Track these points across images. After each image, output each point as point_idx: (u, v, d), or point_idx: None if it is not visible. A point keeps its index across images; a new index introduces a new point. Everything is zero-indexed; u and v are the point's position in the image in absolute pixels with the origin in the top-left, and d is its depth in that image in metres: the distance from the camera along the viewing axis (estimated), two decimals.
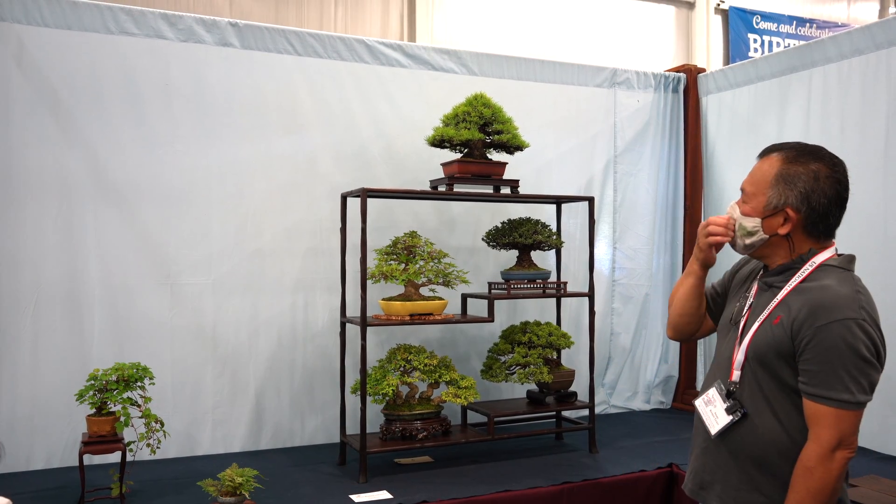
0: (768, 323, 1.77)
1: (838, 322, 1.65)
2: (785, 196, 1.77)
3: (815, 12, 11.19)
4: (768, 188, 1.79)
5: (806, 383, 1.69)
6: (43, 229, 3.66)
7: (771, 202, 1.78)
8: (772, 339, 1.75)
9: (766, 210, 1.79)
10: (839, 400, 1.65)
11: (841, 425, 1.66)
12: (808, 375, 1.68)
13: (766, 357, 1.76)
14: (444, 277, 3.76)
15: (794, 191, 1.77)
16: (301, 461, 3.84)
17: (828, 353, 1.65)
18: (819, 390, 1.67)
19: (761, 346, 1.77)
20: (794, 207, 1.77)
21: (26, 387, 3.63)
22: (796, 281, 1.77)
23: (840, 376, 1.65)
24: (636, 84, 5.07)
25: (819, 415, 1.67)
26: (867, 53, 3.97)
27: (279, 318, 4.12)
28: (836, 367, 1.65)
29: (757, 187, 1.81)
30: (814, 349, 1.67)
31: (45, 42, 3.65)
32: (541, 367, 3.94)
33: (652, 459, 3.76)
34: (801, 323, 1.69)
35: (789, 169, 1.78)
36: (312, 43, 4.18)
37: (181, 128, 3.90)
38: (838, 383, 1.65)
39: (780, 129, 4.44)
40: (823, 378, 1.66)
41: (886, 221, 3.83)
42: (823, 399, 1.66)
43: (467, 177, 3.76)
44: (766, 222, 1.80)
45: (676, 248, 5.18)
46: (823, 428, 1.66)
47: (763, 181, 1.80)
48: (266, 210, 4.09)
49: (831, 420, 1.66)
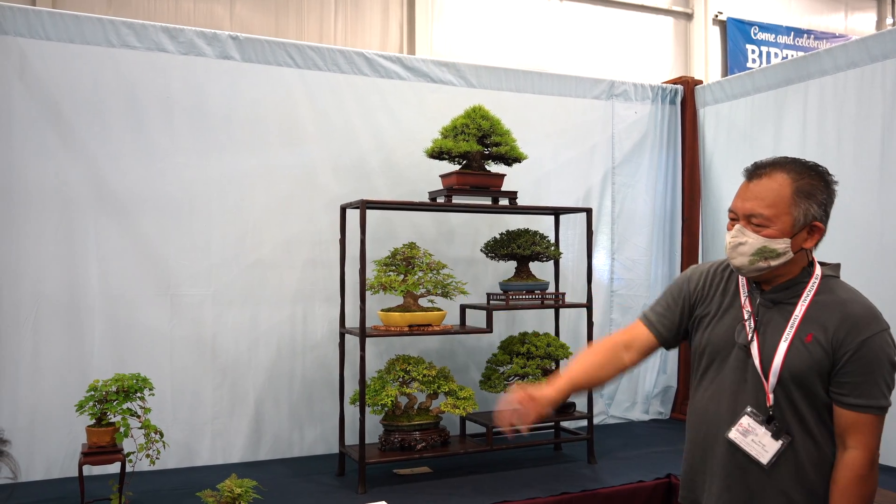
0: (798, 342, 1.76)
1: (878, 334, 1.73)
2: (812, 210, 1.77)
3: (813, 23, 11.25)
4: (790, 207, 1.76)
5: (846, 394, 1.73)
6: (44, 240, 3.68)
7: (798, 220, 1.76)
8: (809, 359, 1.74)
9: (794, 229, 1.77)
10: (880, 407, 1.73)
11: (880, 430, 1.74)
12: (849, 387, 1.72)
13: (804, 376, 1.76)
14: (443, 288, 3.77)
15: (816, 203, 1.77)
16: (300, 472, 3.84)
17: (872, 364, 1.72)
18: (862, 400, 1.72)
19: (798, 366, 1.75)
20: (819, 219, 1.79)
21: (26, 397, 3.64)
22: (810, 295, 1.79)
23: (879, 385, 1.73)
24: (634, 96, 5.11)
25: (861, 423, 1.72)
26: (863, 66, 4.00)
27: (278, 328, 4.13)
28: (877, 376, 1.72)
29: (777, 209, 1.76)
30: (858, 361, 1.72)
31: (48, 55, 3.68)
32: (539, 378, 3.95)
33: (650, 470, 3.77)
34: (842, 339, 1.72)
35: (805, 184, 1.77)
36: (312, 56, 4.22)
37: (182, 140, 3.93)
38: (878, 391, 1.72)
39: (776, 140, 4.47)
40: (867, 388, 1.72)
41: (882, 232, 3.85)
42: (867, 408, 1.72)
43: (466, 188, 3.78)
44: (794, 241, 1.78)
45: (674, 258, 5.20)
46: (868, 436, 1.73)
47: (781, 202, 1.76)
48: (266, 221, 4.11)
49: (874, 427, 1.73)
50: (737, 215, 1.83)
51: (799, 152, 4.36)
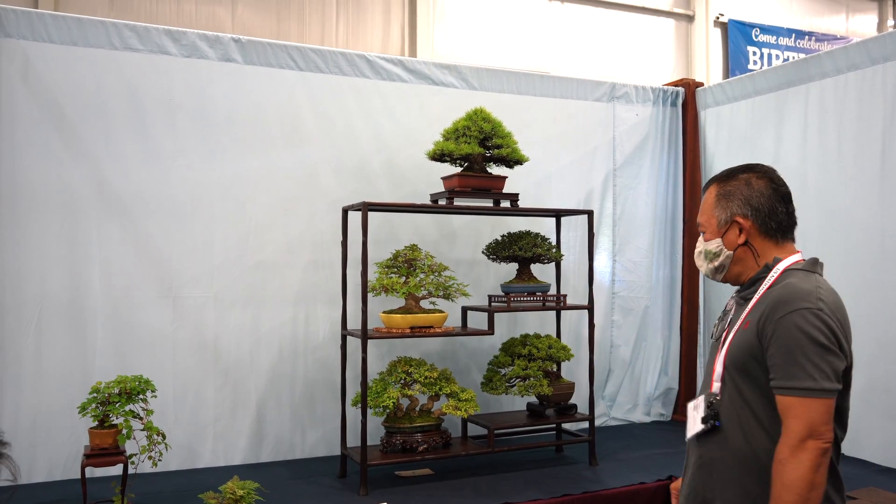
0: (741, 330, 1.83)
1: (794, 312, 1.71)
2: (729, 208, 1.91)
3: (814, 25, 11.25)
4: (714, 210, 1.94)
5: (773, 377, 1.73)
6: (47, 243, 3.69)
7: (721, 219, 1.92)
8: (743, 344, 1.80)
9: (720, 228, 1.92)
10: (803, 388, 1.68)
11: (809, 414, 1.67)
12: (774, 370, 1.73)
13: (742, 362, 1.81)
14: (445, 290, 3.78)
15: (735, 201, 1.91)
16: (302, 474, 3.85)
17: (787, 343, 1.70)
18: (784, 382, 1.70)
19: (735, 353, 1.82)
20: (741, 215, 1.90)
21: (29, 399, 3.65)
22: (764, 287, 1.84)
23: (802, 364, 1.69)
24: (635, 98, 5.11)
25: (787, 406, 1.70)
26: (863, 68, 4.01)
27: (280, 330, 4.14)
28: (797, 355, 1.69)
29: (706, 215, 1.96)
30: (775, 342, 1.72)
31: (51, 58, 3.70)
32: (541, 380, 3.95)
33: (652, 472, 3.77)
34: (764, 320, 1.76)
35: (724, 188, 1.94)
36: (314, 58, 4.23)
37: (184, 142, 3.94)
38: (800, 372, 1.69)
39: (777, 142, 4.48)
40: (787, 369, 1.70)
41: (883, 233, 3.85)
42: (789, 390, 1.70)
43: (467, 190, 3.79)
44: (725, 239, 1.93)
45: (676, 260, 5.20)
46: (792, 419, 1.69)
47: (708, 208, 1.95)
48: (268, 223, 4.12)
49: (799, 410, 1.68)
50: None
51: (799, 154, 4.41)
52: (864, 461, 3.83)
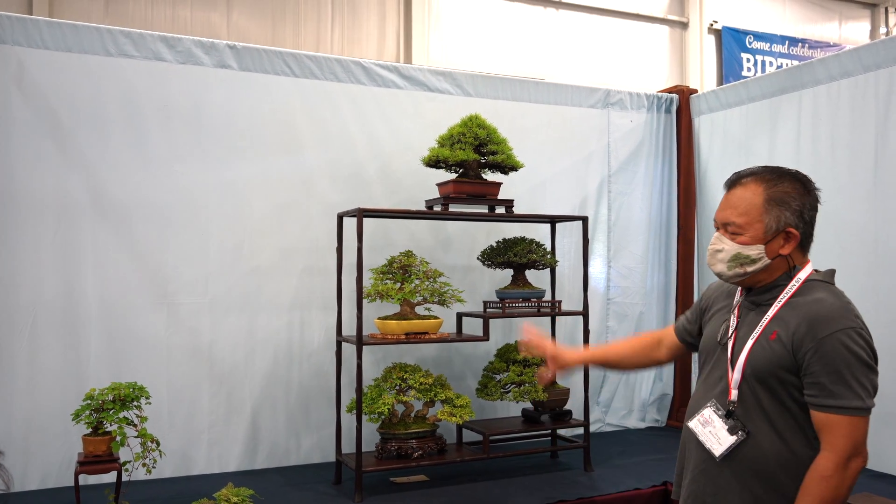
0: (764, 339, 1.80)
1: (840, 331, 1.70)
2: (784, 217, 1.82)
3: (808, 32, 11.32)
4: (762, 214, 1.82)
5: (816, 395, 1.72)
6: (40, 249, 3.68)
7: (771, 227, 1.82)
8: (772, 356, 1.77)
9: (767, 235, 1.82)
10: (851, 408, 1.69)
11: (855, 433, 1.69)
12: (818, 388, 1.71)
13: (767, 374, 1.78)
14: (440, 296, 3.78)
15: (790, 210, 1.82)
16: (296, 480, 3.84)
17: (835, 362, 1.69)
18: (831, 401, 1.70)
19: (760, 363, 1.79)
20: (793, 226, 1.82)
21: (22, 406, 3.63)
22: (786, 296, 1.81)
23: (849, 384, 1.69)
24: (629, 105, 5.13)
25: (832, 424, 1.70)
26: (856, 75, 4.03)
27: (275, 337, 4.13)
28: (845, 375, 1.69)
29: (749, 216, 1.83)
30: (820, 361, 1.70)
31: (46, 64, 3.70)
32: (536, 386, 3.95)
33: (647, 478, 3.78)
34: (801, 337, 1.73)
35: (777, 191, 1.83)
36: (309, 65, 4.23)
37: (179, 148, 3.94)
38: (849, 391, 1.69)
39: (771, 149, 4.50)
40: (834, 388, 1.69)
41: (877, 240, 3.87)
42: (837, 409, 1.69)
43: (462, 197, 3.80)
44: (769, 247, 1.83)
45: (670, 266, 5.21)
46: (838, 437, 1.69)
47: (754, 209, 1.83)
48: (263, 229, 4.12)
49: (846, 429, 1.69)
50: (717, 224, 1.93)
51: (793, 161, 4.43)
52: None
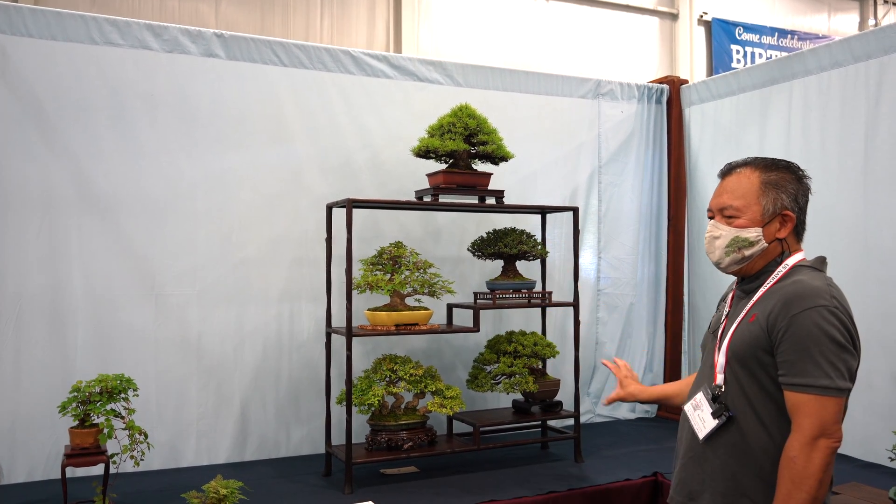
0: (745, 322, 1.82)
1: (811, 309, 1.69)
2: (781, 199, 1.85)
3: (797, 24, 11.34)
4: (759, 196, 1.85)
5: (785, 374, 1.71)
6: (25, 240, 3.64)
7: (768, 209, 1.85)
8: (748, 336, 1.78)
9: (764, 217, 1.85)
10: (818, 386, 1.67)
11: (822, 413, 1.67)
12: (787, 366, 1.71)
13: (745, 355, 1.79)
14: (430, 287, 3.77)
15: (786, 193, 1.85)
16: (286, 472, 3.82)
17: (804, 340, 1.68)
18: (798, 378, 1.69)
19: (739, 345, 1.81)
20: (790, 208, 1.85)
21: (8, 399, 3.60)
22: (771, 282, 1.83)
23: (818, 362, 1.67)
24: (620, 95, 5.12)
25: (799, 403, 1.69)
26: (846, 66, 4.03)
27: (264, 328, 4.11)
28: (813, 353, 1.68)
29: (746, 199, 1.86)
30: (790, 338, 1.70)
31: (30, 52, 3.64)
32: (526, 377, 3.95)
33: (637, 468, 3.78)
34: (776, 315, 1.73)
35: (772, 176, 1.86)
36: (298, 54, 4.19)
37: (166, 138, 3.90)
38: (816, 369, 1.67)
39: (761, 139, 4.50)
40: (802, 366, 1.68)
41: (867, 231, 3.88)
42: (803, 387, 1.68)
43: (452, 187, 3.78)
44: (766, 229, 1.85)
45: (660, 257, 5.21)
46: (804, 416, 1.68)
47: (751, 192, 1.86)
48: (251, 220, 4.09)
49: (812, 408, 1.67)
50: (713, 212, 1.94)
51: (783, 151, 4.44)
52: (847, 456, 3.85)
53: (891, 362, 3.75)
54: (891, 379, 3.75)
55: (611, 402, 2.31)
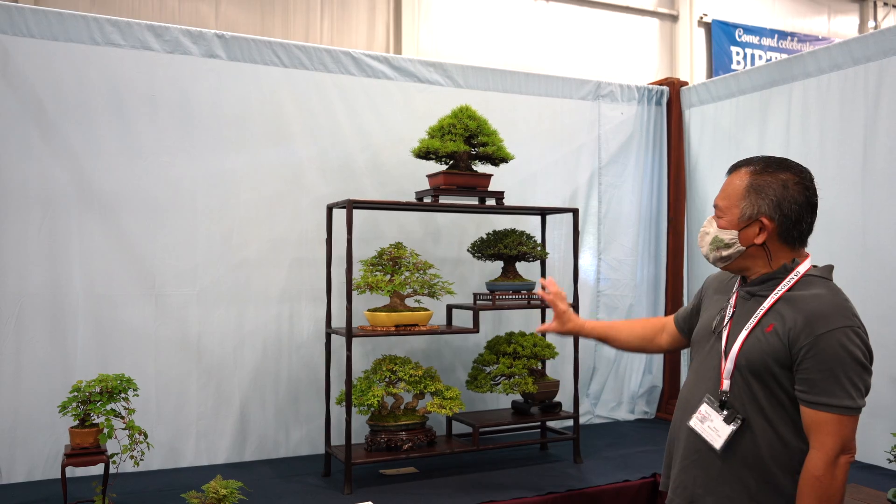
0: (759, 331, 1.79)
1: (837, 330, 1.69)
2: (757, 206, 1.82)
3: (797, 26, 11.35)
4: (740, 200, 1.83)
5: (807, 391, 1.71)
6: (26, 239, 3.64)
7: (745, 213, 1.83)
8: (767, 348, 1.76)
9: (741, 221, 1.83)
10: (842, 406, 1.69)
11: (843, 431, 1.69)
12: (809, 384, 1.71)
13: (760, 365, 1.77)
14: (430, 288, 3.77)
15: (766, 200, 1.81)
16: (286, 472, 3.83)
17: (829, 361, 1.68)
18: (822, 398, 1.69)
19: (754, 355, 1.78)
20: (767, 216, 1.81)
21: (8, 398, 3.60)
22: (783, 290, 1.80)
23: (842, 384, 1.68)
24: (620, 97, 5.13)
25: (821, 422, 1.70)
26: (845, 68, 4.04)
27: (264, 329, 4.11)
28: (839, 374, 1.68)
29: (730, 201, 1.86)
30: (814, 358, 1.70)
31: (31, 52, 3.65)
32: (525, 378, 3.95)
33: (636, 469, 3.79)
34: (798, 332, 1.72)
35: (758, 180, 1.83)
36: (298, 55, 4.20)
37: (167, 139, 3.90)
38: (840, 390, 1.68)
39: (760, 141, 4.51)
40: (825, 386, 1.69)
41: (865, 232, 3.89)
42: (826, 406, 1.69)
43: (453, 188, 3.78)
44: (743, 234, 1.84)
45: (660, 258, 5.22)
46: (827, 435, 1.69)
47: (735, 194, 1.85)
48: (252, 221, 4.09)
49: (834, 427, 1.69)
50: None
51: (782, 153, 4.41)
52: None
53: (889, 364, 3.75)
54: (889, 381, 3.76)
55: (542, 331, 2.42)
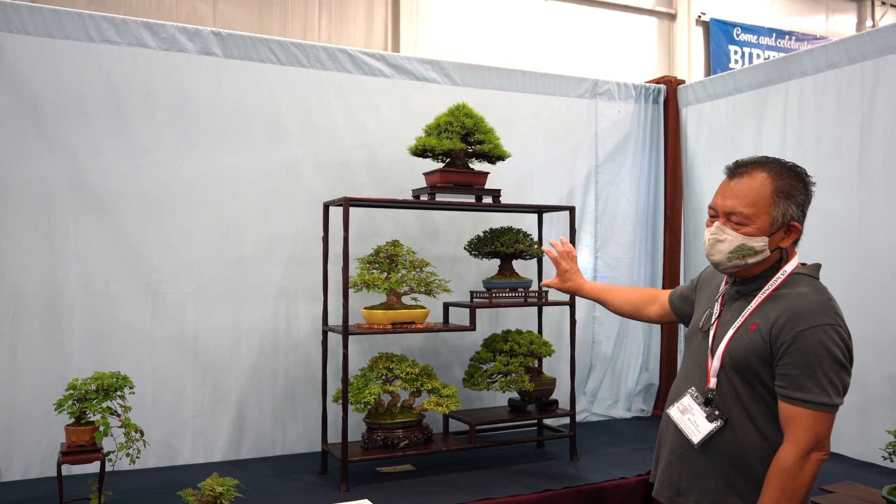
0: (744, 330, 1.82)
1: (818, 327, 1.71)
2: (790, 210, 1.82)
3: (794, 25, 11.37)
4: (770, 206, 1.81)
5: (784, 387, 1.73)
6: (22, 238, 3.64)
7: (777, 220, 1.82)
8: (749, 345, 1.79)
9: (773, 228, 1.82)
10: (817, 403, 1.70)
11: (818, 427, 1.70)
12: (787, 379, 1.73)
13: (743, 363, 1.80)
14: (426, 286, 3.77)
15: (795, 203, 1.83)
16: (282, 470, 3.83)
17: (807, 357, 1.70)
18: (798, 393, 1.71)
19: (738, 353, 1.80)
20: (797, 219, 1.84)
21: (4, 396, 3.59)
22: (770, 289, 1.82)
23: (819, 380, 1.70)
24: (617, 95, 5.13)
25: (797, 417, 1.71)
26: (842, 67, 4.04)
27: (261, 326, 4.11)
28: (816, 371, 1.70)
29: (758, 207, 1.82)
30: (793, 353, 1.72)
31: (26, 50, 3.64)
32: (522, 376, 3.96)
33: (632, 467, 3.79)
34: (780, 328, 1.74)
35: (784, 184, 1.82)
36: (295, 52, 4.19)
37: (163, 136, 3.90)
38: (816, 386, 1.70)
39: (757, 140, 4.51)
40: (802, 382, 1.71)
41: (861, 232, 3.89)
42: (802, 402, 1.71)
43: (449, 186, 3.78)
44: (772, 239, 1.84)
45: (657, 257, 5.23)
46: (801, 430, 1.70)
47: (762, 201, 1.81)
48: (248, 219, 4.09)
49: (809, 422, 1.70)
50: (717, 212, 1.89)
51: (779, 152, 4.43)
52: (841, 455, 3.87)
53: (884, 362, 3.76)
54: (884, 379, 3.77)
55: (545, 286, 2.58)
